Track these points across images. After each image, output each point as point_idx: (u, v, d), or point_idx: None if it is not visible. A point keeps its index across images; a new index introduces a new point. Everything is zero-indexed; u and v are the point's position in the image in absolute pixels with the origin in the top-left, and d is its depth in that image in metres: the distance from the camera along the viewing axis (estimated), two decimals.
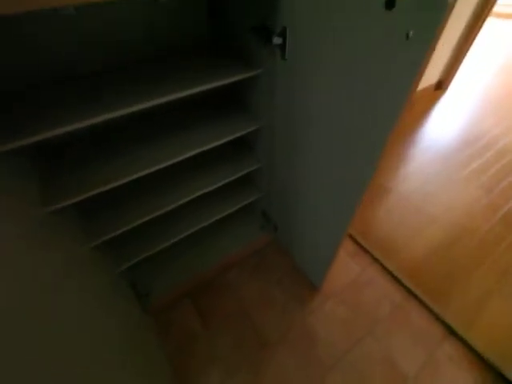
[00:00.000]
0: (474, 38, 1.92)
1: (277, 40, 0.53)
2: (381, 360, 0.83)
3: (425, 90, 2.08)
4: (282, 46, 0.54)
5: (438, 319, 0.91)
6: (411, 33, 0.34)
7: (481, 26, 1.86)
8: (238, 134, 0.73)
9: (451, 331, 0.88)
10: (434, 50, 0.34)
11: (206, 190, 0.79)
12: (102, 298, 0.59)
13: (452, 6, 0.30)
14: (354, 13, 0.40)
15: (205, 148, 0.68)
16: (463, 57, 2.02)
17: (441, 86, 2.15)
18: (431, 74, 2.03)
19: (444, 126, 1.79)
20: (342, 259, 1.06)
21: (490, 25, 3.25)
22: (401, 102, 0.40)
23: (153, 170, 0.63)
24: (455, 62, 2.04)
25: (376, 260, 1.05)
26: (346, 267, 1.04)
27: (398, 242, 1.12)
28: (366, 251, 1.09)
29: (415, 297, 0.95)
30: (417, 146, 1.64)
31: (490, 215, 1.20)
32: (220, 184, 0.81)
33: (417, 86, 0.38)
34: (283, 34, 0.52)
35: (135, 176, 0.61)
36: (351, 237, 1.13)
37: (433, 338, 0.88)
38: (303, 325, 0.90)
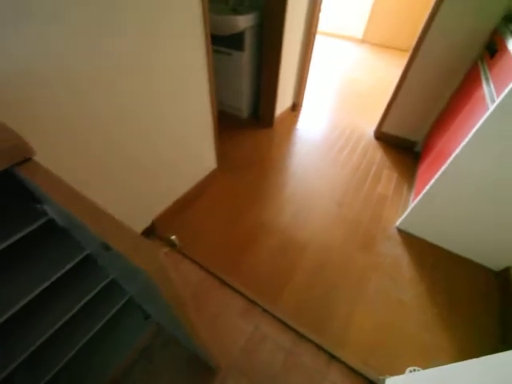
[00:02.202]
0: (310, 59, 2.27)
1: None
2: None
3: (284, 112, 2.37)
4: None
5: (321, 349, 1.03)
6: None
7: (312, 48, 2.21)
8: (68, 267, 0.60)
9: (332, 356, 1.01)
10: None
11: (63, 321, 0.64)
12: None
13: None
14: None
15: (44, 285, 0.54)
16: (306, 78, 2.39)
17: (296, 107, 2.49)
18: (286, 100, 2.32)
19: (302, 148, 2.08)
20: (233, 322, 1.07)
21: (322, 44, 4.03)
22: None
23: None
24: (301, 84, 2.39)
25: (266, 311, 1.11)
26: (239, 330, 1.05)
27: (281, 282, 1.21)
28: (255, 304, 1.13)
29: (302, 336, 1.05)
30: (287, 171, 1.84)
31: (345, 228, 1.46)
32: (80, 305, 0.68)
33: None
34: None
35: None
36: (240, 293, 1.15)
37: (321, 368, 0.98)
38: None
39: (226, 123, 2.26)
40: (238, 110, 2.31)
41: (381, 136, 2.18)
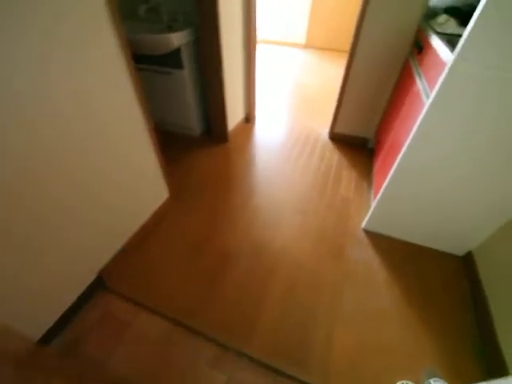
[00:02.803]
0: (254, 69, 2.23)
1: None
2: None
3: (238, 125, 2.30)
4: None
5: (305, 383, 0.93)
6: None
7: (254, 58, 2.16)
8: None
9: None
10: None
11: None
12: None
13: None
14: None
15: None
16: (254, 88, 2.35)
17: (249, 118, 2.45)
18: (237, 113, 2.26)
19: (260, 160, 2.02)
20: (205, 375, 0.94)
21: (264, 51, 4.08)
22: None
23: None
24: (250, 95, 2.35)
25: (239, 353, 0.99)
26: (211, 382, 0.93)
27: (252, 315, 1.10)
28: (227, 348, 1.00)
29: (282, 373, 0.95)
30: (247, 185, 1.76)
31: (312, 239, 1.40)
32: None
33: None
34: None
35: None
36: (209, 339, 1.02)
37: None
38: None
39: (179, 144, 2.14)
40: (189, 129, 2.20)
41: (335, 137, 2.21)
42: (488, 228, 1.18)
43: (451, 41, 1.04)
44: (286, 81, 3.43)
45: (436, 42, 1.08)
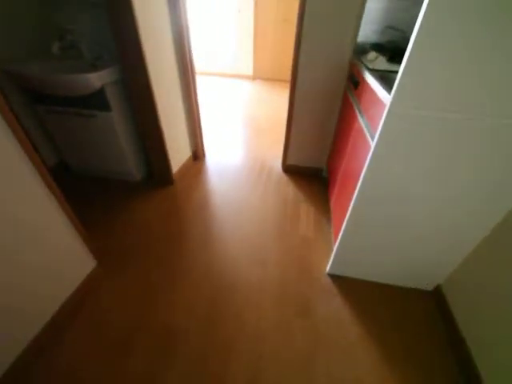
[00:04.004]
0: (197, 104, 2.08)
1: None
2: None
3: (185, 165, 2.10)
4: None
5: None
6: None
7: (195, 92, 2.03)
8: None
9: None
10: None
11: None
12: None
13: None
14: None
15: None
16: (199, 124, 2.20)
17: (197, 156, 2.27)
18: (183, 152, 2.07)
19: (211, 202, 1.82)
20: None
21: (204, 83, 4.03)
22: None
23: None
24: (196, 131, 2.19)
25: None
26: None
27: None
28: None
29: None
30: (197, 238, 1.53)
31: (275, 297, 1.21)
32: None
33: None
34: None
35: None
36: None
37: None
38: None
39: (114, 193, 1.85)
40: (126, 174, 1.93)
41: (288, 169, 2.13)
42: (453, 260, 1.12)
43: (384, 77, 1.02)
44: (236, 113, 3.39)
45: (370, 80, 1.05)
